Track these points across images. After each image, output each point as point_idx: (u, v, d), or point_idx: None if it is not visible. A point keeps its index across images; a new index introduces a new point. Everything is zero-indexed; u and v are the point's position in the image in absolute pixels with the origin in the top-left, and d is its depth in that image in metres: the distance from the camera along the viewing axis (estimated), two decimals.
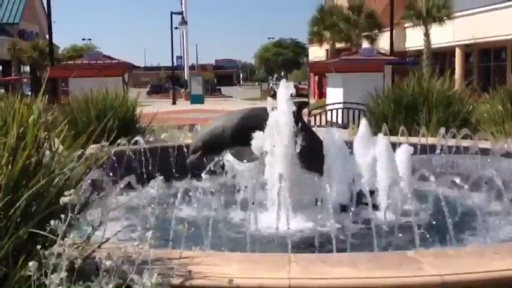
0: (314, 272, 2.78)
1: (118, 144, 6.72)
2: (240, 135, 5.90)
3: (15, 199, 2.58)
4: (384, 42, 32.43)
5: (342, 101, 18.63)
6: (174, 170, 7.01)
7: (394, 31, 33.55)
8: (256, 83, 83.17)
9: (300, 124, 5.57)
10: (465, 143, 6.93)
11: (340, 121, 17.46)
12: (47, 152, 2.79)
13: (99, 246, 2.71)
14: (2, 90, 20.61)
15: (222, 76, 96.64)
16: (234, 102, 38.83)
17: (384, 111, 8.84)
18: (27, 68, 38.74)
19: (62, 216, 2.52)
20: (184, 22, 44.06)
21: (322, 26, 33.65)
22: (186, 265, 2.81)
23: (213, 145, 6.05)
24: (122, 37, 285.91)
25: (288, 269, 2.80)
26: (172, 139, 7.75)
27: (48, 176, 2.62)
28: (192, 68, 55.43)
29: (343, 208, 5.34)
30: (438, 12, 27.94)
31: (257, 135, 5.72)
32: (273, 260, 3.01)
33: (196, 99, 36.30)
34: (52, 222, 2.31)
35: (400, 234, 4.34)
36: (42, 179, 2.61)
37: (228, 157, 5.99)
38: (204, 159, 6.16)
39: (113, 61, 17.68)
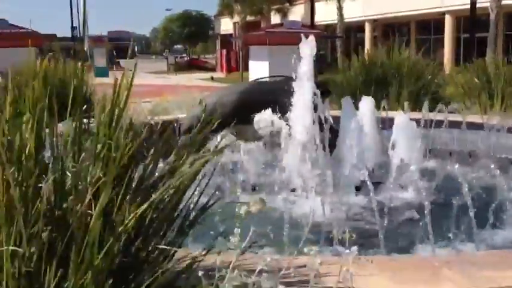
0: (483, 279, 2.33)
1: None
2: (241, 111, 5.28)
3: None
4: (293, 16, 32.41)
5: (267, 75, 18.27)
6: None
7: (303, 5, 33.77)
8: (154, 56, 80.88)
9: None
10: (451, 117, 6.78)
11: None
12: None
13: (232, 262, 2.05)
14: None
15: (118, 48, 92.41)
16: (141, 76, 37.09)
17: (352, 84, 8.53)
18: None
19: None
20: None
21: None
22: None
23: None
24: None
25: (450, 277, 2.32)
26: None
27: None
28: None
29: (358, 189, 4.99)
30: None
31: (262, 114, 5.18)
32: (416, 265, 2.52)
33: (101, 72, 34.10)
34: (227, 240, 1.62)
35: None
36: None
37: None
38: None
39: (21, 30, 15.97)
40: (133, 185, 2.03)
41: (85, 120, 2.26)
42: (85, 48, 44.90)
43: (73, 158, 2.02)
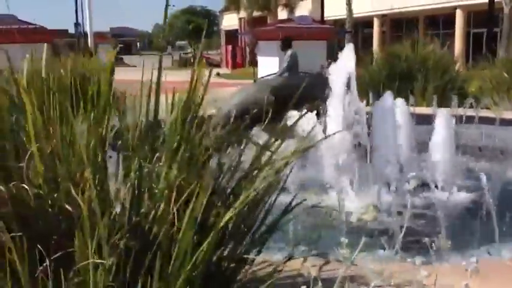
0: None
1: None
2: (274, 107, 5.11)
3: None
4: (300, 11, 32.10)
5: (277, 71, 18.04)
6: None
7: (310, 0, 33.51)
8: (155, 52, 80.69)
9: None
10: (482, 112, 6.61)
11: None
12: None
13: (320, 268, 1.89)
14: None
15: (121, 45, 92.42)
16: (146, 72, 36.81)
17: (375, 78, 8.33)
18: None
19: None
20: None
21: None
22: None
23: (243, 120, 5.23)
24: None
25: None
26: None
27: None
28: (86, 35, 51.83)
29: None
30: None
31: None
32: (498, 269, 2.35)
33: None
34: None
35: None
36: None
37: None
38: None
39: (30, 26, 15.79)
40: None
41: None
42: (89, 45, 44.85)
43: (144, 159, 1.85)
